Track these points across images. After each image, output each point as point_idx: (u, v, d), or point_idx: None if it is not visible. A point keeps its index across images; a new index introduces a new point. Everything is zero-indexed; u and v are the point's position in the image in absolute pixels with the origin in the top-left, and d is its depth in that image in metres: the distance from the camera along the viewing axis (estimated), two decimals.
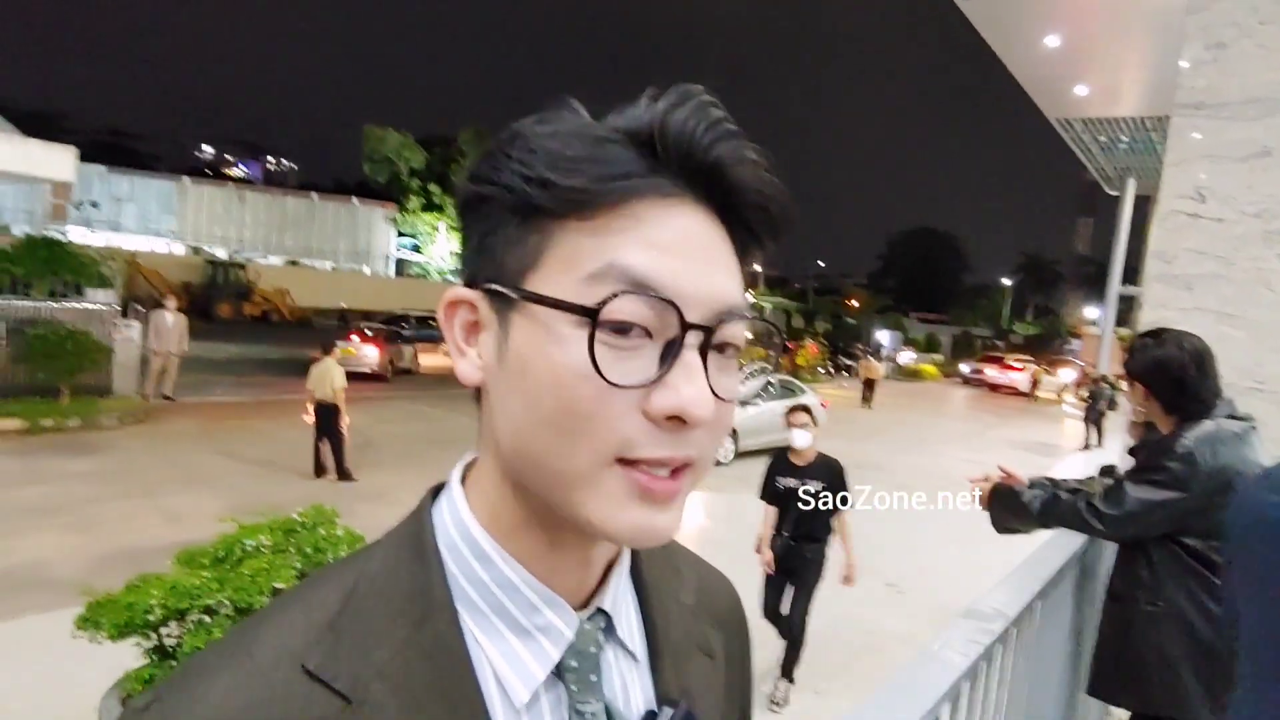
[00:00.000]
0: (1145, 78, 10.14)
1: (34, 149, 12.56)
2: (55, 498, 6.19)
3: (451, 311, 0.45)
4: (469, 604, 0.44)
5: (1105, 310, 17.51)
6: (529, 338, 0.41)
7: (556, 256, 0.41)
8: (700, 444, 0.42)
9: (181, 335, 10.91)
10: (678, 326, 0.40)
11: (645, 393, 0.40)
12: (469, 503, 0.47)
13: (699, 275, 0.41)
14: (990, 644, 1.22)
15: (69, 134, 38.09)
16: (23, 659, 3.58)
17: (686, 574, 0.59)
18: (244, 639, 0.42)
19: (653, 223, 0.41)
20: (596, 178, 0.40)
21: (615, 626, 0.49)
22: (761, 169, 0.44)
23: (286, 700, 0.39)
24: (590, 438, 0.40)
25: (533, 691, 0.44)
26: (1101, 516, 1.82)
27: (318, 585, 0.45)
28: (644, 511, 0.41)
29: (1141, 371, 1.90)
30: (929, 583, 5.86)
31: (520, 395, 0.42)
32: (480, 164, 0.44)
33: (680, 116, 0.41)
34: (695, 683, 0.53)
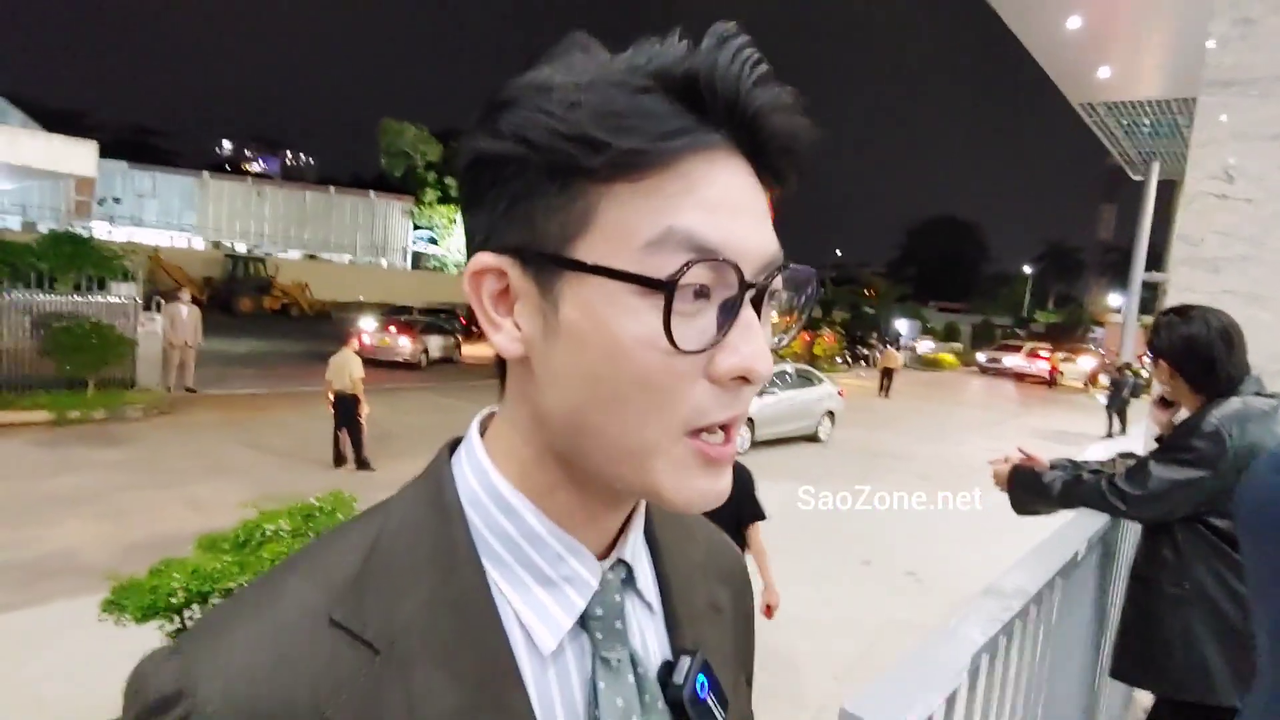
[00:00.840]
0: (1170, 58, 9.92)
1: (57, 144, 12.73)
2: (83, 487, 6.30)
3: (478, 281, 0.42)
4: (493, 556, 0.44)
5: (1129, 297, 17.25)
6: (587, 311, 0.39)
7: (607, 222, 0.39)
8: (749, 399, 0.42)
9: (196, 327, 11.06)
10: (736, 285, 0.39)
11: (708, 356, 0.39)
12: (492, 458, 0.46)
13: (750, 230, 0.40)
14: (1010, 620, 1.20)
15: (91, 130, 38.63)
16: (53, 643, 3.66)
17: (697, 534, 0.59)
18: (264, 593, 0.42)
19: (702, 181, 0.39)
20: (652, 136, 0.38)
21: (635, 577, 0.49)
22: (797, 114, 0.42)
23: (313, 651, 0.39)
24: (662, 410, 0.39)
25: (559, 640, 0.44)
26: (1125, 496, 1.79)
27: (336, 541, 0.45)
28: (708, 478, 0.41)
29: (1168, 349, 1.87)
30: (948, 572, 5.82)
31: (579, 370, 0.40)
32: (499, 118, 0.40)
33: (724, 63, 0.39)
34: (707, 636, 0.53)
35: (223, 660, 0.38)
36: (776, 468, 9.49)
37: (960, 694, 1.01)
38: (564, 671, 0.45)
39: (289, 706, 0.38)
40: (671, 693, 0.47)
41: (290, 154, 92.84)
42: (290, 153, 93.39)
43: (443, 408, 12.01)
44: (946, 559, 6.10)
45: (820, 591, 5.23)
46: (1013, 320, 52.11)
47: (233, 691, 0.37)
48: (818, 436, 11.61)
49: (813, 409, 11.50)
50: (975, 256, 77.81)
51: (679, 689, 0.47)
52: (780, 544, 6.08)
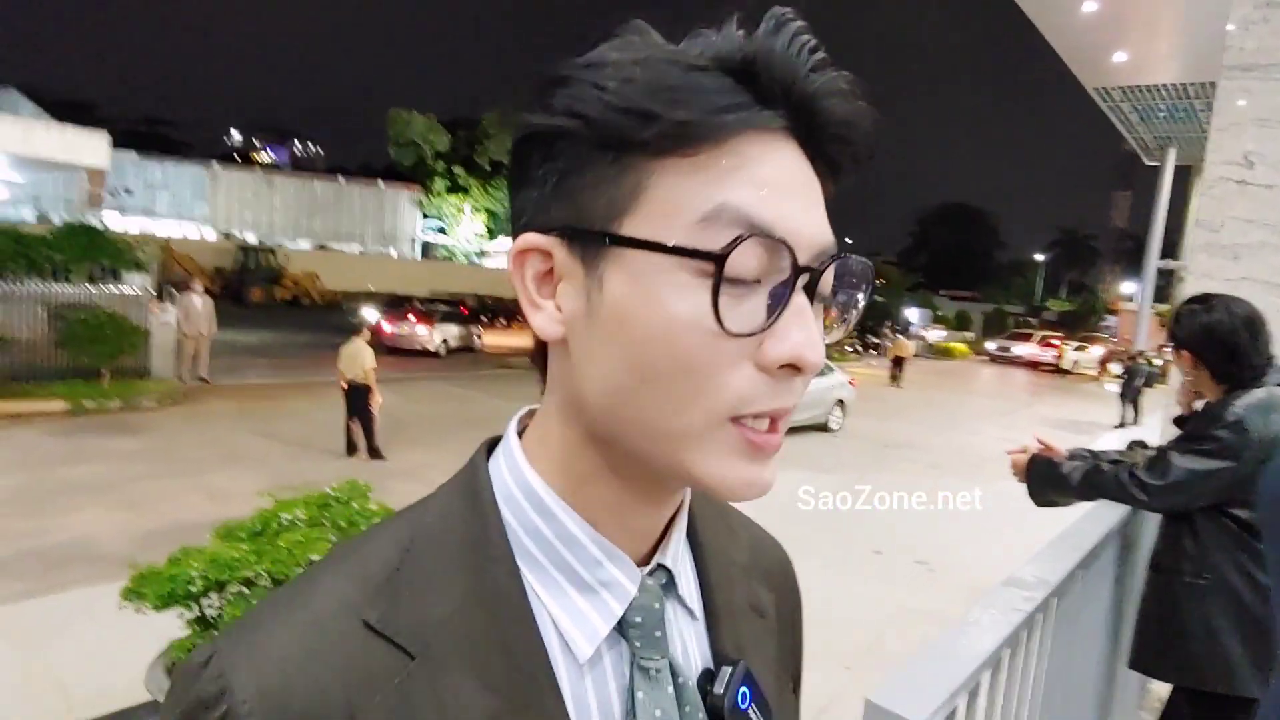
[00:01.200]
0: (1188, 42, 9.77)
1: (69, 136, 12.82)
2: (100, 476, 6.37)
3: (521, 261, 0.42)
4: (528, 557, 0.43)
5: (1143, 285, 17.10)
6: (632, 288, 0.38)
7: (657, 198, 0.38)
8: (799, 391, 0.41)
9: (210, 317, 11.14)
10: (789, 269, 0.38)
11: (756, 342, 0.38)
12: (529, 457, 0.45)
13: (804, 214, 0.39)
14: (1032, 612, 1.19)
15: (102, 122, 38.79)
16: (72, 630, 3.71)
17: (740, 533, 0.58)
18: (301, 593, 0.42)
19: (757, 159, 0.38)
20: (705, 110, 0.37)
21: (677, 582, 0.48)
22: (854, 100, 0.41)
23: (347, 654, 0.39)
24: (705, 395, 0.38)
25: (596, 647, 0.43)
26: (1145, 487, 1.78)
27: (373, 539, 0.44)
28: (752, 467, 0.40)
29: (1189, 338, 1.84)
30: (959, 560, 5.81)
31: (620, 349, 0.39)
32: (552, 95, 0.40)
33: (781, 45, 0.38)
34: (749, 641, 0.52)
35: (258, 657, 0.39)
36: (787, 457, 9.48)
37: (983, 684, 1.01)
38: (601, 679, 0.44)
39: (322, 704, 0.37)
40: (712, 702, 0.46)
41: (299, 144, 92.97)
42: (299, 142, 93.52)
43: (455, 397, 12.06)
44: (958, 548, 6.08)
45: (831, 580, 5.23)
46: (1025, 308, 51.78)
47: (267, 687, 0.38)
48: (828, 426, 11.59)
49: (824, 398, 11.47)
50: (987, 244, 77.15)
51: (719, 699, 0.46)
52: (791, 533, 6.09)
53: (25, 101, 31.28)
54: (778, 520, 2.78)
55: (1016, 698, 1.26)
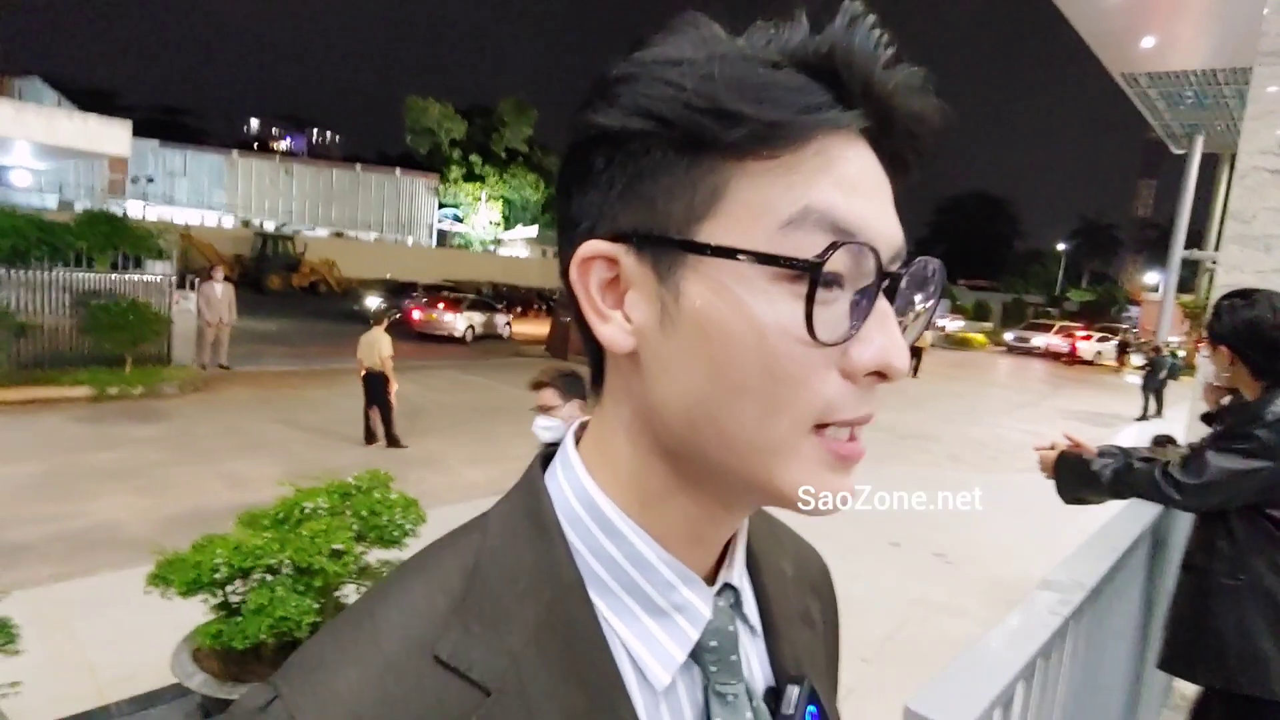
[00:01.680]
0: (1220, 27, 9.54)
1: (92, 124, 12.93)
2: (125, 462, 6.46)
3: (587, 269, 0.39)
4: (597, 582, 0.41)
5: (1167, 275, 16.81)
6: (714, 296, 0.37)
7: (738, 202, 0.36)
8: (881, 398, 0.40)
9: (230, 305, 11.23)
10: (875, 274, 0.37)
11: (842, 349, 0.37)
12: (592, 473, 0.43)
13: (884, 215, 0.38)
14: (1068, 616, 1.17)
15: (123, 110, 39.12)
16: (102, 611, 3.77)
17: (786, 545, 0.57)
18: (365, 624, 0.39)
19: (839, 159, 0.37)
20: (793, 109, 0.36)
21: (742, 602, 0.47)
22: (930, 97, 0.40)
23: (420, 693, 0.37)
24: (793, 404, 0.37)
25: (672, 674, 0.41)
26: (1180, 486, 1.74)
27: (436, 563, 0.42)
28: (836, 478, 0.39)
29: (1230, 334, 1.80)
30: (976, 554, 5.77)
31: (701, 360, 0.37)
32: (617, 93, 0.38)
33: (860, 41, 0.37)
34: (804, 653, 0.51)
35: (327, 701, 0.36)
36: None
37: (1018, 690, 0.99)
38: (677, 707, 0.42)
39: None
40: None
41: (317, 132, 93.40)
42: (317, 131, 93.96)
43: (472, 385, 12.11)
44: (976, 540, 6.04)
45: (848, 572, 5.22)
46: (1045, 298, 51.13)
47: None
48: None
49: None
50: (1007, 233, 76.23)
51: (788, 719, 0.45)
52: (808, 525, 6.07)
53: (48, 90, 31.62)
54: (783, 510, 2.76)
55: (1048, 698, 1.24)
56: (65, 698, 2.98)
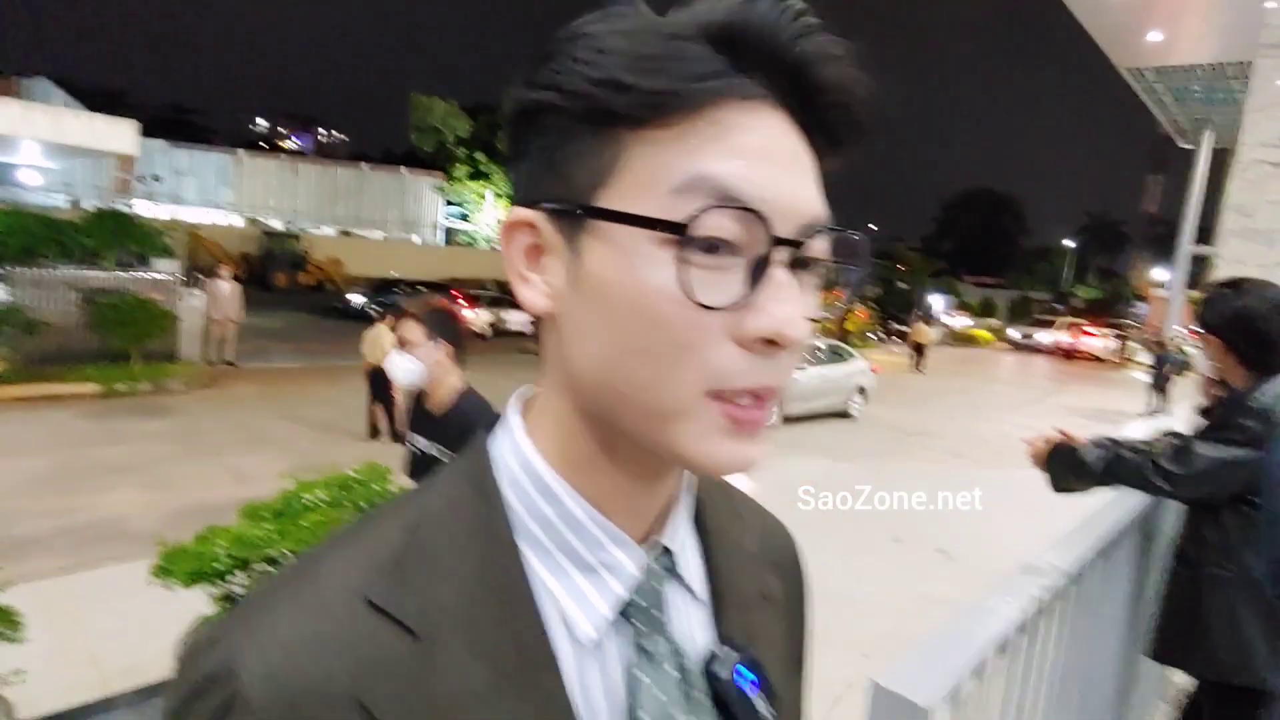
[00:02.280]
0: (1227, 20, 9.47)
1: (99, 123, 13.02)
2: (131, 457, 6.52)
3: (510, 235, 0.42)
4: (532, 540, 0.43)
5: (1175, 271, 16.70)
6: (607, 260, 0.38)
7: (634, 169, 0.38)
8: (786, 369, 0.40)
9: (237, 302, 11.30)
10: (766, 242, 0.37)
11: (736, 316, 0.38)
12: (531, 437, 0.45)
13: (786, 185, 0.38)
14: (1045, 598, 1.18)
15: (130, 109, 39.29)
16: (105, 604, 3.81)
17: (749, 520, 0.58)
18: (305, 574, 0.42)
19: (737, 128, 0.38)
20: (680, 77, 0.37)
21: (677, 564, 0.48)
22: (847, 65, 0.40)
23: (352, 633, 0.39)
24: (684, 368, 0.38)
25: (599, 630, 0.43)
26: (1169, 476, 1.75)
27: (378, 521, 0.44)
28: (736, 444, 0.40)
29: (1219, 323, 1.80)
30: (979, 549, 5.77)
31: (601, 323, 0.39)
32: (538, 69, 0.40)
33: (762, 9, 0.38)
34: (757, 628, 0.52)
35: (265, 639, 0.39)
36: (807, 444, 9.45)
37: (991, 669, 1.01)
38: (605, 661, 0.44)
39: (327, 686, 0.37)
40: (716, 687, 0.46)
41: (323, 131, 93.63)
42: (323, 129, 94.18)
43: (475, 381, 12.14)
44: (977, 536, 6.03)
45: (850, 568, 5.22)
46: (1052, 295, 50.84)
47: (273, 671, 0.37)
48: (849, 413, 11.53)
49: (844, 385, 11.40)
50: (1013, 230, 75.82)
51: (724, 683, 0.46)
52: (811, 520, 6.08)
53: (56, 90, 31.79)
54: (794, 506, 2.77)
55: (1031, 683, 1.25)
56: (69, 688, 3.01)
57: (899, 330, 28.17)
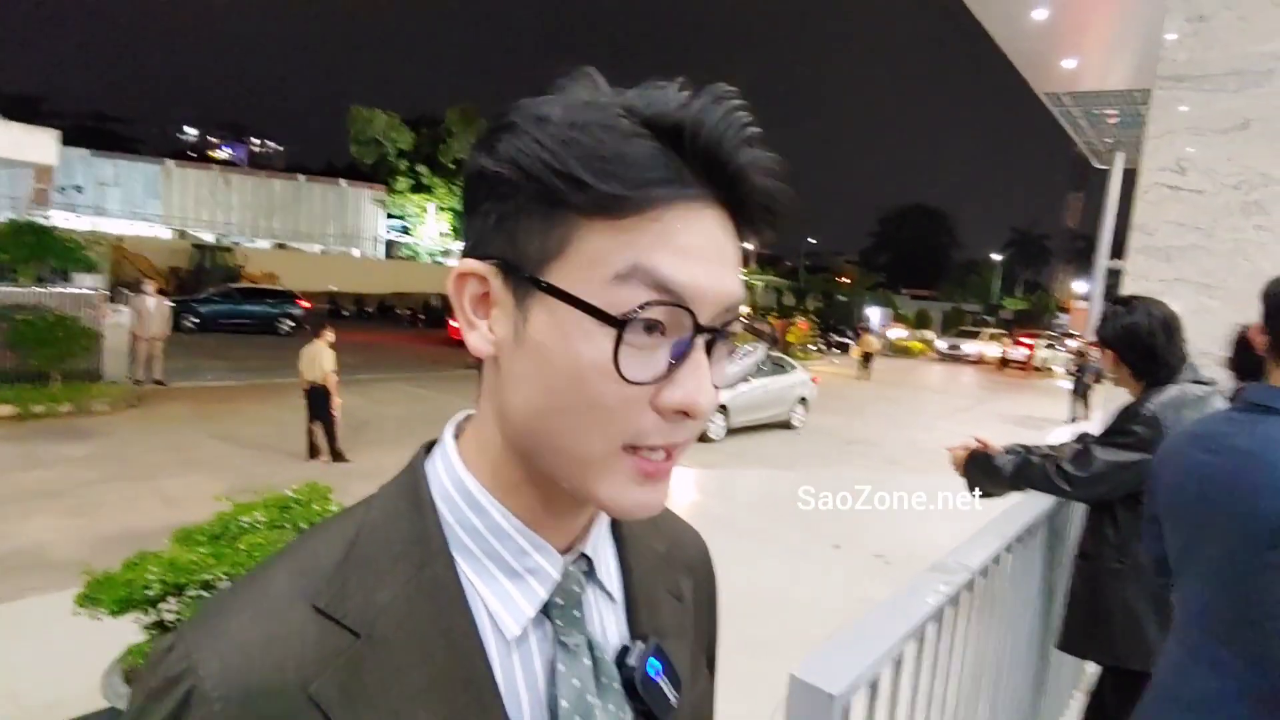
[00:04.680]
0: (1134, 50, 10.12)
1: (16, 132, 12.40)
2: (52, 482, 6.21)
3: (461, 284, 0.46)
4: (463, 549, 0.48)
5: (1093, 284, 17.60)
6: (551, 329, 0.43)
7: (581, 252, 0.42)
8: (694, 429, 0.46)
9: (164, 318, 10.90)
10: (690, 328, 0.42)
11: (656, 387, 0.43)
12: (463, 458, 0.50)
13: (715, 278, 0.43)
14: (954, 592, 1.28)
15: (50, 117, 37.49)
16: (25, 639, 3.63)
17: (662, 526, 0.63)
18: (257, 583, 0.46)
19: (678, 229, 0.42)
20: (632, 183, 0.41)
21: (595, 569, 0.53)
22: (776, 177, 0.45)
23: (301, 634, 0.43)
24: (605, 428, 0.43)
25: (523, 627, 0.48)
26: (1069, 478, 1.89)
27: (321, 534, 0.49)
28: (644, 490, 0.45)
29: (1112, 337, 1.96)
30: (915, 553, 5.96)
31: (537, 380, 0.43)
32: (499, 140, 0.44)
33: (712, 120, 0.42)
34: (666, 623, 0.57)
35: (221, 642, 0.43)
36: (750, 455, 9.62)
37: (907, 659, 1.09)
38: (527, 655, 0.49)
39: (279, 681, 0.42)
40: (625, 674, 0.51)
41: (258, 141, 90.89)
42: (257, 139, 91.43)
43: (417, 397, 11.96)
44: (915, 541, 6.24)
45: (790, 574, 5.35)
46: (982, 307, 52.86)
47: (229, 668, 0.42)
48: (791, 423, 11.77)
49: (786, 396, 11.64)
50: (946, 244, 78.75)
51: (631, 670, 0.51)
52: (753, 528, 6.20)
53: None
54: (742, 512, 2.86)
55: (945, 671, 1.34)
56: None
57: (839, 341, 28.95)
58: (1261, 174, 3.11)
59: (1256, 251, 3.14)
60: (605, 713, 0.50)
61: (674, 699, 0.53)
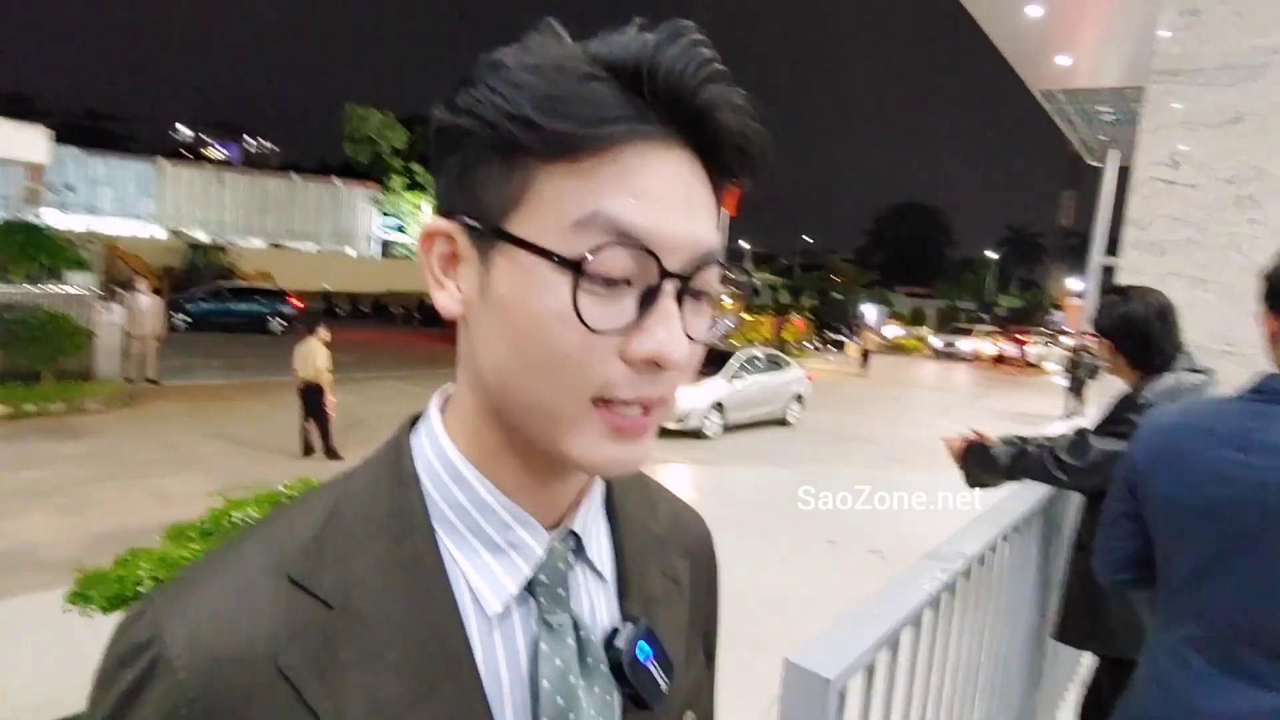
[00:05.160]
0: (1127, 47, 10.14)
1: (7, 130, 12.33)
2: (45, 481, 6.18)
3: (429, 243, 0.45)
4: (445, 523, 0.47)
5: (1088, 281, 17.65)
6: (512, 280, 0.41)
7: (540, 198, 0.41)
8: (671, 384, 0.44)
9: (158, 317, 10.85)
10: (657, 275, 0.41)
11: (624, 337, 0.41)
12: (447, 430, 0.48)
13: (680, 223, 0.41)
14: (951, 579, 1.27)
15: (42, 115, 37.26)
16: (17, 638, 3.61)
17: (661, 507, 0.62)
18: (230, 554, 0.45)
19: (638, 169, 0.40)
20: (584, 121, 0.39)
21: (585, 547, 0.51)
22: (746, 114, 0.43)
23: (273, 605, 0.42)
24: (572, 381, 0.41)
25: (504, 603, 0.47)
26: (1066, 467, 1.89)
27: (300, 506, 0.47)
28: (618, 447, 0.43)
29: (1109, 328, 1.96)
30: (912, 549, 5.96)
31: (503, 335, 0.42)
32: (458, 93, 0.42)
33: (670, 56, 0.40)
34: (658, 605, 0.55)
35: (190, 611, 0.41)
36: (746, 452, 9.63)
37: (903, 646, 1.08)
38: (509, 633, 0.47)
39: (247, 651, 0.40)
40: (613, 655, 0.50)
41: (251, 140, 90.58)
42: (251, 138, 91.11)
43: (412, 396, 11.93)
44: (910, 536, 6.25)
45: (787, 571, 5.35)
46: (977, 304, 53.00)
47: (196, 638, 0.40)
48: (787, 420, 11.78)
49: (781, 393, 11.65)
50: (940, 242, 79.04)
51: (619, 652, 0.49)
52: (748, 524, 6.20)
53: None
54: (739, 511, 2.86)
55: (940, 659, 1.34)
56: None
57: (835, 339, 29.00)
58: (1255, 168, 3.11)
59: (1250, 245, 3.15)
60: (590, 695, 0.48)
61: (664, 684, 0.51)
